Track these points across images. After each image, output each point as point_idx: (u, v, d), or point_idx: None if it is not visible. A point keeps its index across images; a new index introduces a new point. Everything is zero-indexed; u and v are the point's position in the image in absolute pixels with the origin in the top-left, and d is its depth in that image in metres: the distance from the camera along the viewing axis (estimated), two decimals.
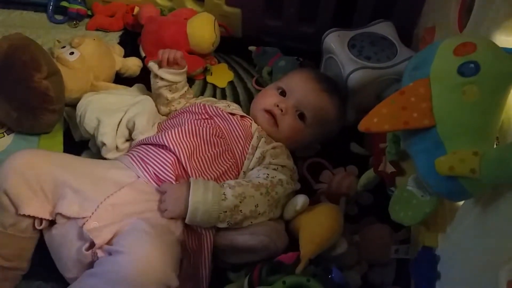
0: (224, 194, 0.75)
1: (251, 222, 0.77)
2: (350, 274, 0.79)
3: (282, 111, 0.90)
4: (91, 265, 0.68)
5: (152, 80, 0.95)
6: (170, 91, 0.95)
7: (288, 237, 0.80)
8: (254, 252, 0.77)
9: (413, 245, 0.79)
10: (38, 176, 0.73)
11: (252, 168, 0.85)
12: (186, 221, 0.74)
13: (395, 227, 0.80)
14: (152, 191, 0.77)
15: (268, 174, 0.81)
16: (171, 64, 0.93)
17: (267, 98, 0.93)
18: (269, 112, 0.91)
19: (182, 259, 0.75)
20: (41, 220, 0.75)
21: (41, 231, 0.77)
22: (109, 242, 0.70)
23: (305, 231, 0.78)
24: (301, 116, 0.91)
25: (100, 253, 0.69)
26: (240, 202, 0.75)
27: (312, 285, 0.71)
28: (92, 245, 0.69)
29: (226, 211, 0.74)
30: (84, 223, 0.71)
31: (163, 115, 0.98)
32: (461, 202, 0.64)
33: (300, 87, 0.92)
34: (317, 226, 0.77)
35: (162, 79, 0.93)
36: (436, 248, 0.70)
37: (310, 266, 0.75)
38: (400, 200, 0.69)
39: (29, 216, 0.74)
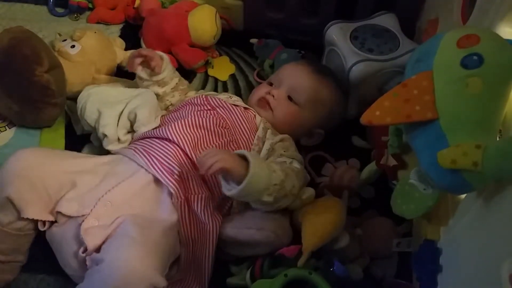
0: (273, 168, 0.73)
1: (284, 204, 0.75)
2: (352, 267, 0.79)
3: (273, 96, 0.91)
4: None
5: (137, 80, 0.95)
6: (159, 86, 0.95)
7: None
8: (258, 247, 0.77)
9: (415, 238, 0.79)
10: (43, 179, 0.73)
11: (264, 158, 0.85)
12: (242, 186, 0.68)
13: (397, 220, 0.80)
14: (153, 185, 0.77)
15: (286, 162, 0.81)
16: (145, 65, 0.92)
17: (259, 89, 0.95)
18: (262, 99, 0.93)
19: (181, 250, 0.75)
20: (44, 222, 0.75)
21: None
22: (98, 248, 0.69)
23: (307, 224, 0.78)
24: (294, 100, 0.92)
25: (89, 262, 0.68)
26: (285, 177, 0.74)
27: (314, 278, 0.71)
28: (86, 248, 0.69)
29: (276, 184, 0.72)
30: (83, 221, 0.71)
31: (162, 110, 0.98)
32: (464, 195, 0.64)
33: (288, 74, 0.94)
34: (320, 219, 0.77)
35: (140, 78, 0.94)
36: (438, 241, 0.70)
37: (312, 259, 0.75)
38: (402, 193, 0.69)
39: (32, 219, 0.74)
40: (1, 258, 0.75)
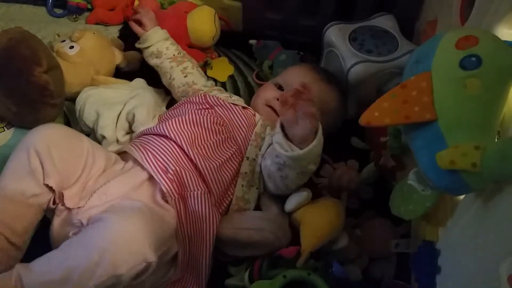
0: None
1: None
2: (350, 268, 0.79)
3: None
4: None
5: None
6: (157, 57, 1.00)
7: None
8: (257, 247, 0.77)
9: (413, 239, 0.79)
10: (73, 155, 0.75)
11: (264, 153, 0.85)
12: (311, 147, 0.73)
13: (396, 221, 0.80)
14: (147, 183, 0.78)
15: None
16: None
17: (267, 93, 0.94)
18: (269, 107, 0.92)
19: (178, 249, 0.76)
20: (54, 199, 0.75)
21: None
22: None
23: (306, 224, 0.78)
24: None
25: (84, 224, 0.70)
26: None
27: (313, 279, 0.72)
28: (80, 229, 0.70)
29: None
30: (77, 212, 0.72)
31: (176, 92, 0.99)
32: (462, 196, 0.64)
33: (297, 79, 0.92)
34: (319, 220, 0.77)
35: (142, 49, 1.01)
36: (437, 242, 0.70)
37: (310, 260, 0.75)
38: (401, 194, 0.69)
39: (49, 188, 0.73)
40: (14, 240, 0.71)
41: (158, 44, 1.00)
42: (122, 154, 0.85)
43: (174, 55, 1.00)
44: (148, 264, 0.65)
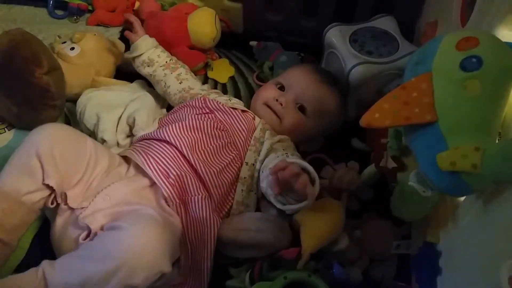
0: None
1: None
2: (351, 269, 0.79)
3: (282, 105, 0.90)
4: None
5: (132, 63, 0.99)
6: (148, 66, 0.97)
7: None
8: (258, 248, 0.77)
9: (414, 241, 0.79)
10: (76, 155, 0.75)
11: (264, 159, 0.84)
12: (307, 202, 0.69)
13: (397, 222, 0.80)
14: (149, 189, 0.78)
15: (288, 154, 0.81)
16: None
17: (267, 92, 0.94)
18: (269, 107, 0.92)
19: (181, 253, 0.75)
20: (54, 198, 0.75)
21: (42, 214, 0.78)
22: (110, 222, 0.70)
23: (306, 226, 0.78)
24: (302, 109, 0.91)
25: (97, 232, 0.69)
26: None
27: (313, 280, 0.71)
28: (89, 233, 0.70)
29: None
30: (81, 213, 0.72)
31: (173, 100, 0.98)
32: (463, 198, 0.64)
33: (298, 80, 0.93)
34: (319, 221, 0.77)
35: (132, 58, 0.98)
36: (438, 244, 0.70)
37: (311, 261, 0.75)
38: (402, 195, 0.69)
39: (49, 188, 0.73)
40: (2, 236, 0.71)
41: (149, 52, 0.97)
42: (123, 157, 0.85)
43: (166, 62, 0.98)
44: (163, 274, 0.66)
